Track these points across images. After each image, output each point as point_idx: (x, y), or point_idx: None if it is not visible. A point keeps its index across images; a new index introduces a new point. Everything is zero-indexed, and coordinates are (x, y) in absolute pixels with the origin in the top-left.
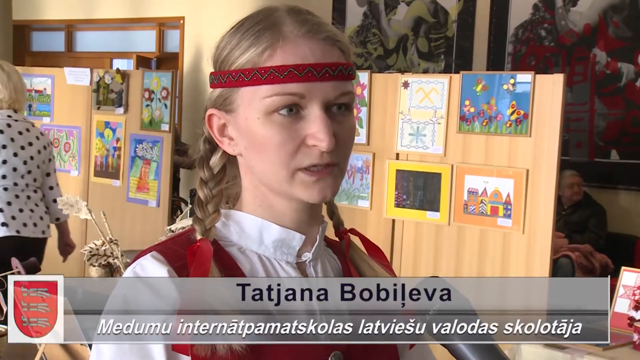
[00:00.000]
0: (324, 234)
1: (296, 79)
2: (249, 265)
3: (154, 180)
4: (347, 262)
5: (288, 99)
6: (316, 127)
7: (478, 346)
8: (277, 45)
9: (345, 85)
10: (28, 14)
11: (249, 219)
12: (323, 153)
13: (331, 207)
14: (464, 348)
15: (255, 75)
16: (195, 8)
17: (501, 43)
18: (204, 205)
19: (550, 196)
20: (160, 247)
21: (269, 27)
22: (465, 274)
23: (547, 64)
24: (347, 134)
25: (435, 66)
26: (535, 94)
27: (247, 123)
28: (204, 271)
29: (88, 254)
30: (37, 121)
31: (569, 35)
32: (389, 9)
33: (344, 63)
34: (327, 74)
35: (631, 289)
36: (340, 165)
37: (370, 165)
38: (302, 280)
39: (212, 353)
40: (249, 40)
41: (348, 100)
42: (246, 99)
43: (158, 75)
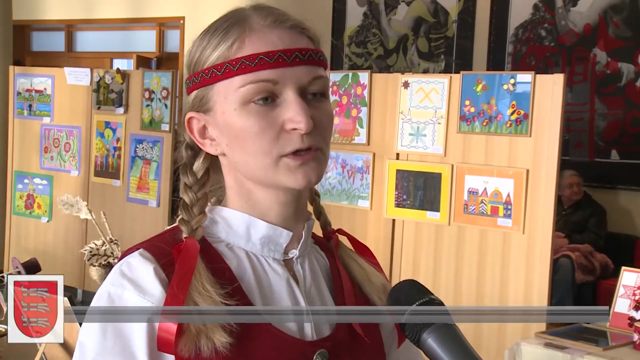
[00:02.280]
0: (310, 230)
1: (267, 66)
2: (236, 262)
3: (154, 180)
4: (335, 260)
5: (262, 86)
6: (292, 110)
7: (450, 345)
8: (245, 36)
9: (317, 70)
10: (28, 14)
11: (236, 216)
12: (303, 136)
13: (318, 207)
14: (435, 346)
15: (227, 68)
16: (195, 8)
17: (501, 43)
18: (190, 208)
19: (550, 196)
20: (147, 245)
21: (235, 23)
22: (465, 274)
23: (547, 64)
24: (325, 119)
25: (436, 66)
26: (535, 94)
27: (225, 117)
28: (190, 267)
29: (88, 254)
30: (37, 121)
31: (569, 35)
32: (389, 9)
33: (313, 49)
34: (297, 58)
35: (631, 289)
36: (322, 149)
37: (370, 165)
38: (290, 278)
39: (197, 354)
40: (217, 37)
41: (321, 86)
42: (221, 93)
43: (158, 75)
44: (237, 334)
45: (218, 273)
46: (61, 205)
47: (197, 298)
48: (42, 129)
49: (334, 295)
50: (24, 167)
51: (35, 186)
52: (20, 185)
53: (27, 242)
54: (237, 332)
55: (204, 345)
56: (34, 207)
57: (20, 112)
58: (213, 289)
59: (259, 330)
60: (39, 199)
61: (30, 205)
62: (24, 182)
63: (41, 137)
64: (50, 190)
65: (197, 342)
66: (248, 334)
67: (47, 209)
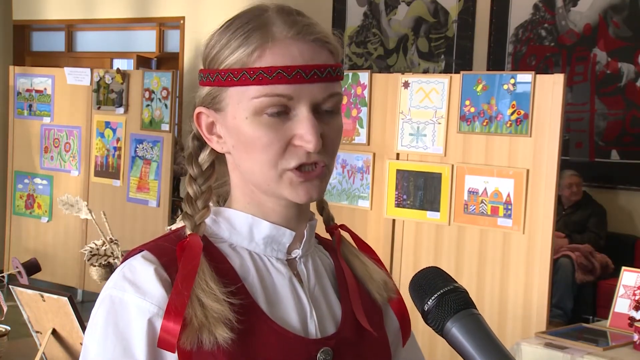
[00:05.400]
0: (313, 230)
1: (284, 81)
2: (239, 261)
3: (154, 180)
4: (339, 259)
5: (276, 100)
6: (303, 128)
7: (474, 334)
8: (267, 46)
9: (333, 87)
10: (28, 14)
11: (239, 216)
12: (310, 153)
13: (321, 202)
14: (460, 336)
15: (244, 76)
16: (195, 8)
17: (501, 43)
18: (194, 202)
19: (551, 196)
20: (151, 245)
21: (258, 28)
22: (466, 274)
23: (547, 64)
24: (335, 135)
25: (436, 66)
26: (535, 94)
27: (236, 122)
28: (194, 265)
29: (88, 254)
30: (37, 121)
31: (569, 35)
32: (389, 9)
33: (332, 65)
34: (315, 75)
35: (631, 289)
36: (328, 166)
37: (370, 165)
38: (294, 278)
39: (199, 347)
40: (238, 40)
41: (335, 103)
42: (235, 98)
43: (158, 75)
44: (240, 330)
45: (221, 272)
46: (61, 205)
47: (200, 295)
48: (42, 129)
49: (339, 294)
50: (24, 167)
51: (35, 186)
52: (20, 185)
53: (27, 242)
54: (239, 329)
55: (205, 339)
56: (34, 207)
57: (21, 112)
58: (216, 287)
59: (262, 328)
60: (39, 199)
61: (30, 205)
62: (24, 182)
63: (41, 137)
64: (50, 190)
65: (199, 336)
66: (251, 331)
67: (47, 209)
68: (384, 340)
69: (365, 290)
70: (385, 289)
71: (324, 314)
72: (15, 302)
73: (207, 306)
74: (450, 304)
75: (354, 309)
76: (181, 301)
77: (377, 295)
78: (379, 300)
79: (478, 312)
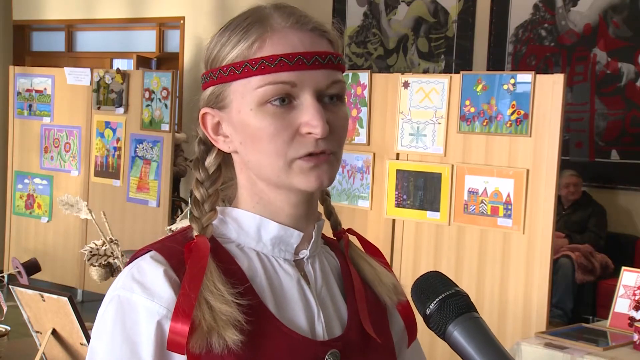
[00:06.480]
0: (320, 231)
1: (287, 68)
2: (246, 262)
3: (154, 180)
4: (346, 261)
5: (280, 87)
6: (309, 114)
7: (476, 338)
8: (266, 36)
9: (335, 74)
10: (28, 14)
11: (247, 216)
12: (318, 140)
13: (328, 207)
14: (461, 339)
15: (246, 67)
16: (195, 8)
17: (501, 43)
18: (201, 205)
19: (551, 196)
20: (158, 246)
21: (256, 21)
22: (466, 274)
23: (547, 64)
24: (341, 123)
25: (436, 66)
26: (535, 94)
27: (241, 116)
28: (202, 266)
29: (88, 254)
30: (37, 121)
31: (569, 35)
32: (389, 9)
33: (333, 52)
34: (317, 62)
35: (631, 289)
36: (336, 153)
37: (370, 165)
38: (301, 279)
39: (208, 350)
40: (238, 35)
41: (339, 90)
42: (238, 92)
43: (158, 75)
44: (249, 332)
45: (229, 273)
46: (61, 205)
47: (208, 297)
48: (42, 129)
49: (345, 295)
50: (24, 167)
51: (35, 186)
52: (21, 185)
53: (27, 242)
54: (248, 331)
55: (215, 342)
56: (34, 207)
57: (20, 112)
58: (224, 288)
59: (271, 330)
60: (39, 199)
61: (30, 205)
62: (24, 182)
63: (41, 137)
64: (50, 190)
65: (208, 339)
66: (260, 333)
67: (47, 209)
68: (390, 342)
69: (371, 292)
70: (395, 292)
71: (331, 316)
72: (15, 302)
73: (216, 309)
74: (451, 307)
75: (360, 314)
76: (189, 303)
77: (387, 298)
78: (388, 303)
79: (479, 315)
